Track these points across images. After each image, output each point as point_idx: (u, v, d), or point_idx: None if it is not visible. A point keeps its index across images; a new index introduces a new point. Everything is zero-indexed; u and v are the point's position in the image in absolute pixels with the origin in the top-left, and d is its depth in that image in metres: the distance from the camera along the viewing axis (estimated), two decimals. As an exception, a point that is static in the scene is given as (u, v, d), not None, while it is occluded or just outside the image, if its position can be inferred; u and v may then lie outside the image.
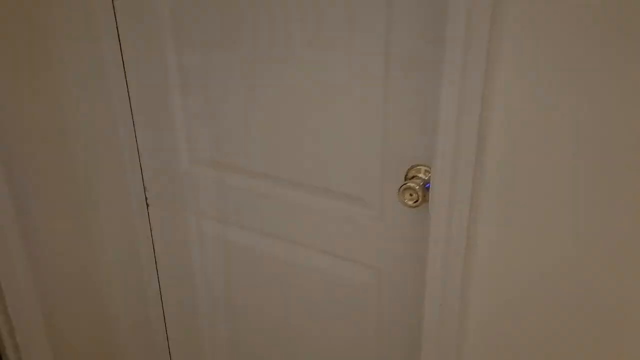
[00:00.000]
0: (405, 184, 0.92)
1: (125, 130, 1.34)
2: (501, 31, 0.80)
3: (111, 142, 1.33)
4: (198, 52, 1.18)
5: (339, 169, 1.09)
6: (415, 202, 0.91)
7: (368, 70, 0.98)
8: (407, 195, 0.92)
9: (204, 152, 1.28)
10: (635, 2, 0.72)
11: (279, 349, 1.41)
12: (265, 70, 1.10)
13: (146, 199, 1.41)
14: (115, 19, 1.25)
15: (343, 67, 1.00)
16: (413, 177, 0.94)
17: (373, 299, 1.16)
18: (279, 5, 1.03)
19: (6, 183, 1.21)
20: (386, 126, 0.99)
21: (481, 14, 0.78)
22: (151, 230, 1.46)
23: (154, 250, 1.50)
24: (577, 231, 0.87)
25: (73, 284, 1.41)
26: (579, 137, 0.82)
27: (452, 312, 0.99)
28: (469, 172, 0.87)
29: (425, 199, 0.93)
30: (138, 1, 1.20)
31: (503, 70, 0.82)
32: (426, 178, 0.95)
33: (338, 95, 1.02)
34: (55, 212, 1.33)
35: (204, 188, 1.31)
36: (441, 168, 0.88)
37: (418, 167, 0.96)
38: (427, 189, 0.93)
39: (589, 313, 0.92)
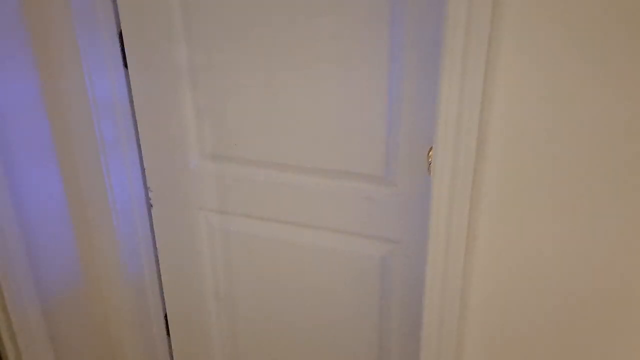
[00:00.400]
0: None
1: (126, 132, 1.35)
2: (500, 29, 0.81)
3: (112, 144, 1.33)
4: (206, 46, 1.19)
5: (362, 152, 1.15)
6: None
7: (391, 61, 1.05)
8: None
9: (215, 147, 1.29)
10: (636, 2, 0.74)
11: (297, 336, 1.43)
12: (282, 60, 1.13)
13: (149, 199, 1.42)
14: (117, 13, 1.25)
15: (366, 57, 1.06)
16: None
17: (397, 271, 1.24)
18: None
19: (6, 183, 1.20)
20: (409, 110, 1.07)
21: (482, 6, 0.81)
22: (154, 231, 1.47)
23: (156, 250, 1.50)
24: (576, 229, 0.88)
25: (73, 284, 1.40)
26: (579, 135, 0.82)
27: (453, 303, 1.03)
28: (469, 169, 0.91)
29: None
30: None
31: (503, 69, 0.83)
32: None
33: (362, 84, 1.10)
34: (55, 212, 1.32)
35: (217, 183, 1.32)
36: (441, 166, 0.92)
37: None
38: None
39: (589, 310, 0.92)
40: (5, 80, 1.16)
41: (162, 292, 1.56)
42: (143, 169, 1.40)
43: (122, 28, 1.24)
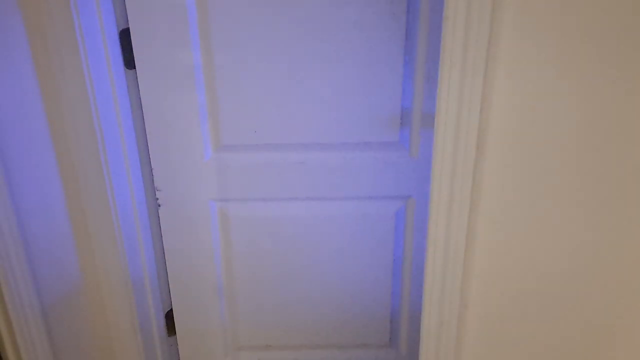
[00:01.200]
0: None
1: (127, 133, 1.35)
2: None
3: (112, 145, 1.33)
4: (225, 40, 1.24)
5: (379, 123, 1.33)
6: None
7: (406, 43, 1.24)
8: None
9: (232, 137, 1.34)
10: (636, 2, 0.74)
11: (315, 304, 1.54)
12: (305, 48, 1.25)
13: (157, 199, 1.42)
14: (117, 12, 1.26)
15: (384, 41, 1.24)
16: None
17: (408, 222, 1.44)
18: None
19: (5, 184, 1.20)
20: (420, 84, 1.27)
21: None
22: (160, 231, 1.47)
23: (156, 250, 1.50)
24: (577, 230, 0.88)
25: (73, 285, 1.40)
26: (579, 135, 0.83)
27: (452, 299, 1.04)
28: (468, 170, 0.92)
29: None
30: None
31: (502, 68, 0.83)
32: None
33: (381, 65, 1.27)
34: (54, 213, 1.32)
35: (235, 172, 1.37)
36: (440, 167, 0.94)
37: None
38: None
39: (588, 313, 0.93)
40: (3, 81, 1.15)
41: (162, 293, 1.56)
42: (150, 169, 1.41)
43: (130, 27, 1.25)
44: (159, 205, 1.42)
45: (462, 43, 0.84)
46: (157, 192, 1.40)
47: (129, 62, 1.31)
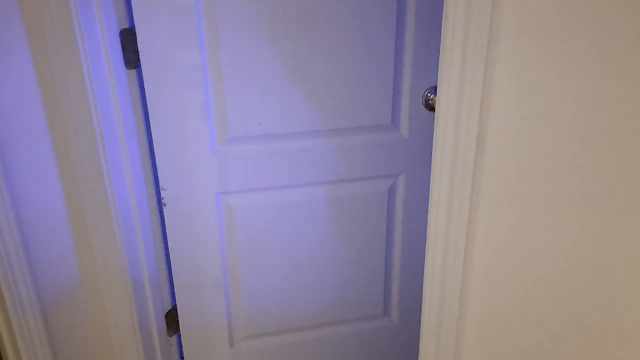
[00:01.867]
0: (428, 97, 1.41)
1: (127, 133, 1.35)
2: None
3: (112, 145, 1.33)
4: (230, 37, 1.27)
5: (373, 108, 1.43)
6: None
7: (396, 34, 1.36)
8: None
9: (237, 130, 1.38)
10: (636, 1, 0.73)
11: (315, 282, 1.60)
12: (306, 41, 1.32)
13: (162, 199, 1.42)
14: (117, 11, 1.27)
15: (378, 30, 1.35)
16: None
17: (399, 195, 1.56)
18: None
19: (5, 183, 1.20)
20: (409, 70, 1.40)
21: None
22: (161, 230, 1.47)
23: (157, 250, 1.50)
24: (577, 231, 0.87)
25: (72, 284, 1.40)
26: (580, 134, 0.82)
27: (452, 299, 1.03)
28: (468, 171, 0.92)
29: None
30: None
31: (502, 68, 0.83)
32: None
33: (374, 54, 1.37)
34: (54, 213, 1.32)
35: (240, 164, 1.41)
36: (440, 168, 0.93)
37: (430, 88, 1.43)
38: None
39: (588, 314, 0.92)
40: (3, 81, 1.15)
41: (162, 292, 1.56)
42: (150, 168, 1.43)
43: (135, 25, 1.25)
44: (164, 205, 1.42)
45: (462, 42, 0.83)
46: (162, 192, 1.40)
47: (130, 61, 1.31)
